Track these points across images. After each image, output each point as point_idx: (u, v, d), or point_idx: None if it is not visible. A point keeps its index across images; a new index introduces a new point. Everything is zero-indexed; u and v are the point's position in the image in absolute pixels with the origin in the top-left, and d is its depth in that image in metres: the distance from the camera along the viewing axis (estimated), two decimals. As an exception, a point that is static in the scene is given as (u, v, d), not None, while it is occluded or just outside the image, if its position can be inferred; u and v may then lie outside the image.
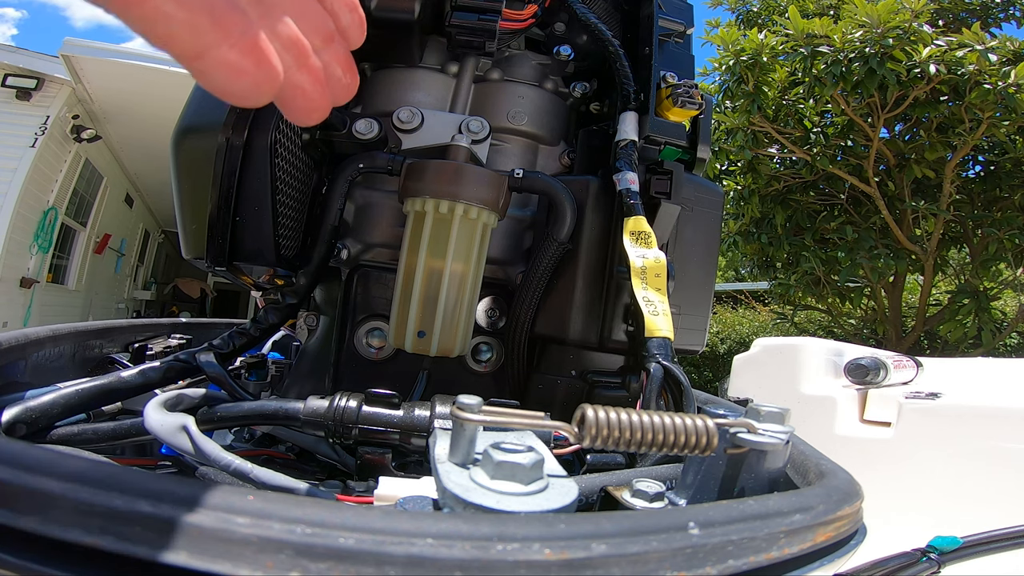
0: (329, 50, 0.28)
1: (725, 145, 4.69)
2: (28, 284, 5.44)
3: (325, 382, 0.58)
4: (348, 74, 0.30)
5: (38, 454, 0.21)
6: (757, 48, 4.16)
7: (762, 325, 7.36)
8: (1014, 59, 3.68)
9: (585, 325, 0.53)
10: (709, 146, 0.60)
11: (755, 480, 0.31)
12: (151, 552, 0.19)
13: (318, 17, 0.28)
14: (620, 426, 0.27)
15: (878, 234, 4.80)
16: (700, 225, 0.59)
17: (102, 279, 7.68)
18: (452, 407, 0.28)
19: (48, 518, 0.19)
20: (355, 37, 0.30)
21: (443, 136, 0.55)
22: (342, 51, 0.29)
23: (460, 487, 0.25)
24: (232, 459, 0.36)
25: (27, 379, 0.50)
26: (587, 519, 0.21)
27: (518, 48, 0.64)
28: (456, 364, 0.58)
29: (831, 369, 1.38)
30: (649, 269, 0.48)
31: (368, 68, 0.63)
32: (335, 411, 0.41)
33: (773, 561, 0.24)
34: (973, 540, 0.71)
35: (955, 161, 4.39)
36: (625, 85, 0.57)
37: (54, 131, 5.31)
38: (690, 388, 0.43)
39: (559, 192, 0.53)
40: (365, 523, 0.19)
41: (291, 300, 0.53)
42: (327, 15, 0.28)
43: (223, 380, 0.46)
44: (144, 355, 0.72)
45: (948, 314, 4.67)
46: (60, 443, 0.40)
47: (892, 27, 3.67)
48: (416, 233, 0.50)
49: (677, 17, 0.65)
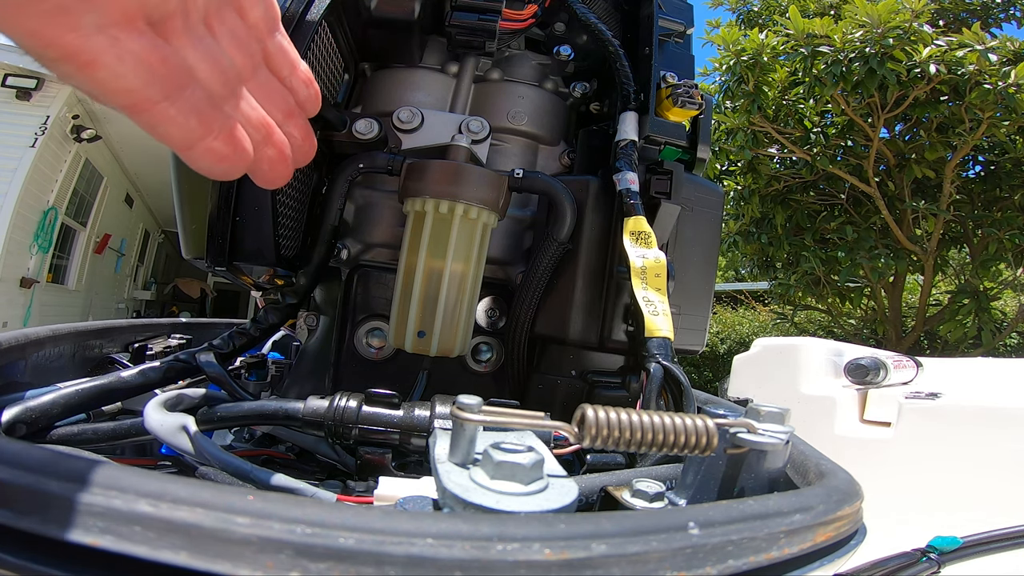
0: (290, 123, 0.34)
1: (725, 145, 4.69)
2: (28, 284, 5.44)
3: (325, 382, 0.58)
4: (307, 140, 0.36)
5: (38, 454, 0.21)
6: (757, 48, 4.16)
7: (762, 325, 7.36)
8: (1014, 59, 3.68)
9: (585, 325, 0.53)
10: (709, 146, 0.60)
11: (755, 480, 0.31)
12: (151, 552, 0.19)
13: (280, 96, 0.34)
14: (620, 426, 0.27)
15: (878, 234, 4.81)
16: (700, 225, 0.59)
17: (102, 279, 7.68)
18: (452, 407, 0.28)
19: (48, 518, 0.19)
20: (311, 108, 0.36)
21: (443, 136, 0.55)
22: (301, 122, 0.35)
23: (460, 487, 0.25)
24: (232, 459, 0.36)
25: (27, 379, 0.50)
26: (587, 519, 0.21)
27: (518, 48, 0.64)
28: (456, 364, 0.58)
29: (831, 369, 1.38)
30: (649, 269, 0.48)
31: (368, 68, 0.63)
32: (335, 411, 0.41)
33: (773, 561, 0.24)
34: (973, 540, 0.71)
35: (955, 161, 4.39)
36: (625, 85, 0.57)
37: (54, 131, 5.31)
38: (690, 388, 0.43)
39: (559, 192, 0.53)
40: (365, 523, 0.19)
41: (291, 300, 0.53)
42: (287, 92, 0.34)
43: (223, 380, 0.46)
44: (144, 355, 0.72)
45: (948, 314, 4.67)
46: (60, 443, 0.40)
47: (893, 27, 3.67)
48: (416, 233, 0.50)
49: (677, 17, 0.65)
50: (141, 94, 0.25)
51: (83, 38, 0.23)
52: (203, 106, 0.27)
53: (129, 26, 0.24)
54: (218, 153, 0.28)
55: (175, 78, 0.26)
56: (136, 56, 0.24)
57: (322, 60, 0.55)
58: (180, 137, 0.27)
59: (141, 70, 0.24)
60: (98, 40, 0.23)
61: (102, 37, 0.23)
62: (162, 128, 0.26)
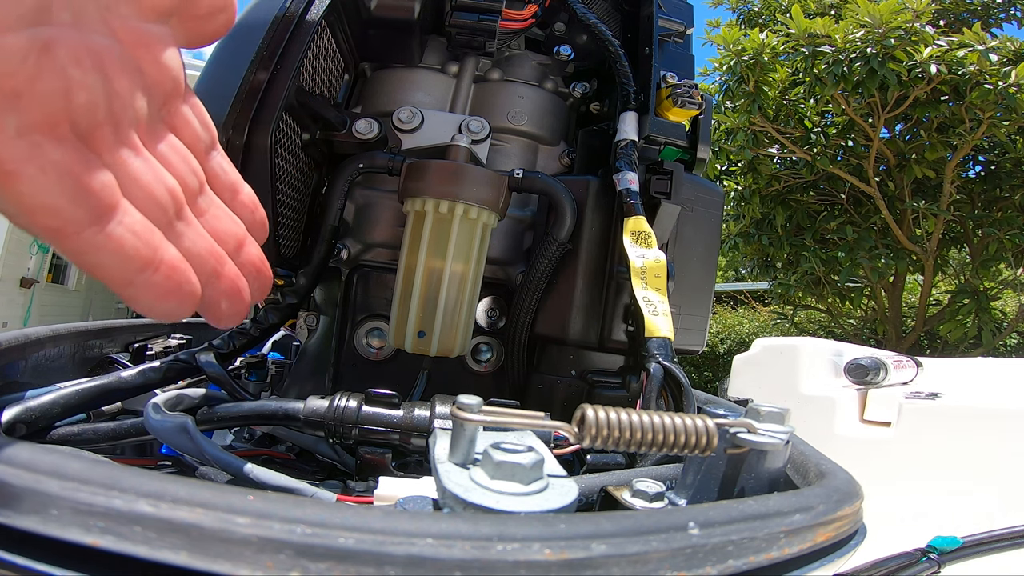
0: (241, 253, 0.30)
1: (725, 145, 4.69)
2: (28, 284, 5.45)
3: (325, 382, 0.58)
4: (263, 272, 0.31)
5: (38, 454, 0.21)
6: (758, 48, 4.16)
7: (762, 325, 7.36)
8: (1015, 59, 3.68)
9: (585, 325, 0.53)
10: (709, 146, 0.60)
11: (755, 480, 0.31)
12: (151, 552, 0.19)
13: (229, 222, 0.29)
14: (620, 426, 0.27)
15: (878, 234, 4.81)
16: (700, 225, 0.59)
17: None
18: (452, 407, 0.28)
19: (48, 518, 0.19)
20: (260, 236, 0.32)
21: (443, 136, 0.55)
22: (255, 251, 0.31)
23: (460, 487, 0.25)
24: (232, 459, 0.36)
25: (27, 379, 0.50)
26: (587, 519, 0.21)
27: (518, 48, 0.64)
28: (456, 364, 0.58)
29: (831, 369, 1.38)
30: (649, 269, 0.48)
31: (368, 68, 0.63)
32: (335, 411, 0.41)
33: (773, 561, 0.24)
34: (973, 540, 0.71)
35: (955, 161, 4.39)
36: (625, 85, 0.57)
37: (54, 131, 5.30)
38: (690, 388, 0.43)
39: (559, 192, 0.53)
40: (365, 523, 0.19)
41: (291, 300, 0.53)
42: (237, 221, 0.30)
43: (223, 380, 0.46)
44: (144, 355, 0.72)
45: (948, 314, 4.67)
46: (60, 443, 0.40)
47: (894, 27, 3.66)
48: (416, 233, 0.50)
49: (677, 17, 0.65)
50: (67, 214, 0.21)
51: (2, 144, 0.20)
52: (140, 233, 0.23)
53: (53, 133, 0.21)
54: (161, 289, 0.24)
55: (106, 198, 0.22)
56: (61, 168, 0.21)
57: (322, 60, 0.55)
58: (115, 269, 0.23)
59: (67, 185, 0.21)
60: (19, 146, 0.20)
61: (23, 143, 0.20)
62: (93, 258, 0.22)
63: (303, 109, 0.51)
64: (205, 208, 0.28)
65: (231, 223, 0.30)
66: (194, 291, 0.26)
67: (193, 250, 0.26)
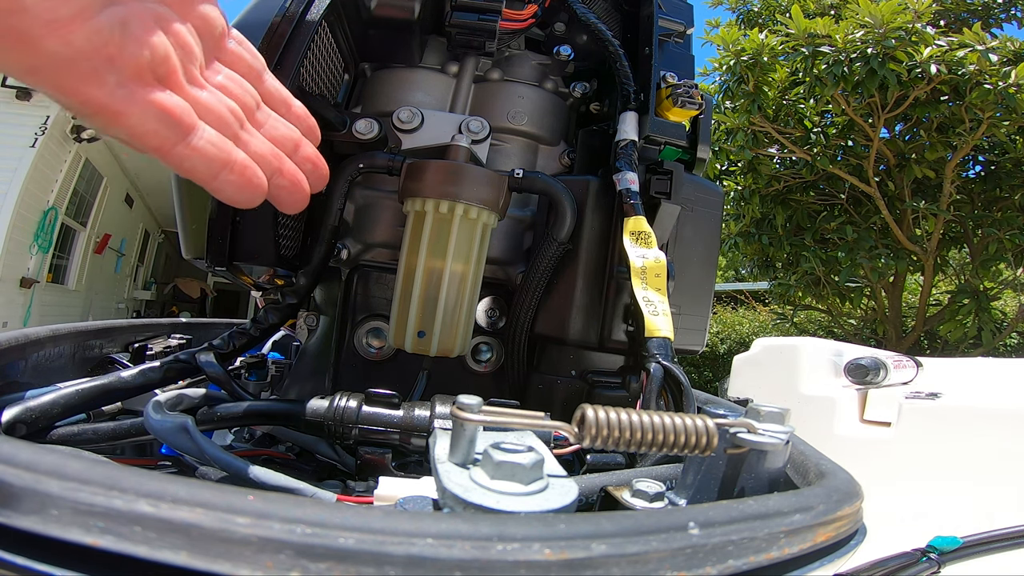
0: (299, 152, 0.37)
1: (725, 145, 4.69)
2: (28, 284, 5.44)
3: (325, 382, 0.58)
4: (319, 167, 0.39)
5: (38, 454, 0.21)
6: (758, 48, 4.16)
7: (762, 325, 7.36)
8: (1015, 59, 3.68)
9: (585, 325, 0.53)
10: (709, 146, 0.60)
11: (755, 480, 0.31)
12: (151, 552, 0.19)
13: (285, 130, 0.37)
14: (620, 426, 0.27)
15: (878, 234, 4.81)
16: (700, 225, 0.59)
17: (102, 279, 7.68)
18: (452, 407, 0.28)
19: (48, 518, 0.19)
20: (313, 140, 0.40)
21: (443, 136, 0.55)
22: (310, 150, 0.38)
23: (460, 487, 0.25)
24: (232, 459, 0.36)
25: (27, 379, 0.50)
26: (587, 519, 0.21)
27: (518, 48, 0.64)
28: (456, 364, 0.58)
29: (831, 369, 1.38)
30: (649, 269, 0.48)
31: (368, 68, 0.63)
32: (335, 411, 0.41)
33: (773, 561, 0.24)
34: (973, 540, 0.71)
35: (955, 161, 4.39)
36: (625, 85, 0.57)
37: (54, 131, 5.30)
38: (690, 388, 0.43)
39: (559, 192, 0.53)
40: (365, 523, 0.19)
41: (291, 300, 0.53)
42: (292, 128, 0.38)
43: (223, 380, 0.46)
44: (144, 355, 0.72)
45: (948, 314, 4.67)
46: (60, 443, 0.40)
47: (895, 28, 3.66)
48: (416, 233, 0.50)
49: (677, 17, 0.65)
50: (162, 136, 0.29)
51: (108, 94, 0.27)
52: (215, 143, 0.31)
53: (141, 81, 0.29)
54: (237, 184, 0.32)
55: (186, 121, 0.30)
56: (152, 105, 0.29)
57: (322, 60, 0.55)
58: (203, 171, 0.31)
59: (158, 116, 0.29)
60: (120, 94, 0.28)
61: (123, 91, 0.28)
62: (188, 163, 0.31)
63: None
64: (263, 120, 0.36)
65: (287, 130, 0.37)
66: (262, 184, 0.33)
67: (258, 153, 0.34)
